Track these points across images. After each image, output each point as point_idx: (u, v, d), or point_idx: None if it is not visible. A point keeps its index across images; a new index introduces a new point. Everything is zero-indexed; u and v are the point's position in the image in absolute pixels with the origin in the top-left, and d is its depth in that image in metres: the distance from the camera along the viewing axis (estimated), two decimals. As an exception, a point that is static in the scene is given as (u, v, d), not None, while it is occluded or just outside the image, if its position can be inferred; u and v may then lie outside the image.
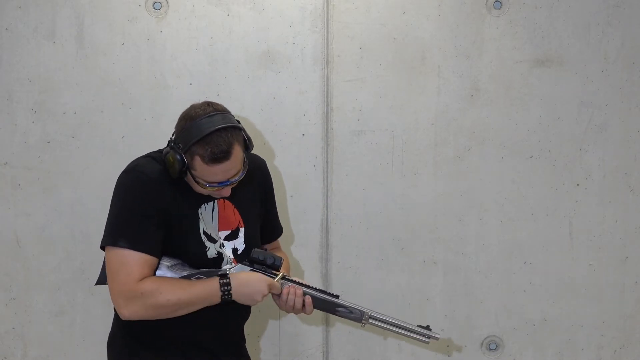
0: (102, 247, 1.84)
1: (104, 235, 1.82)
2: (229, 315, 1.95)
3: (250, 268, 1.90)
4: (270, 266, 1.90)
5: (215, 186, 1.80)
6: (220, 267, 1.90)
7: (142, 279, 1.78)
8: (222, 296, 1.82)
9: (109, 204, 2.63)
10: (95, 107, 2.64)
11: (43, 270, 2.70)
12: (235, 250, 1.95)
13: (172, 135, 1.84)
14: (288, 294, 1.90)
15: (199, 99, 2.61)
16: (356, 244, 2.74)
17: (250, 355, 2.10)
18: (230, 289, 1.81)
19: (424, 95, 2.70)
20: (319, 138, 2.69)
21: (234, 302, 1.86)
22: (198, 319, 1.88)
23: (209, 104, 1.82)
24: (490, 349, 2.80)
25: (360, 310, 1.94)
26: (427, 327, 1.99)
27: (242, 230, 1.96)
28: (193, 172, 1.78)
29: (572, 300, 2.79)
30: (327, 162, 2.70)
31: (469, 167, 2.73)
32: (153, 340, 1.91)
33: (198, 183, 1.80)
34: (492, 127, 2.71)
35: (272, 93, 2.66)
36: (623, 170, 2.74)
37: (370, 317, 1.95)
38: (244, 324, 2.07)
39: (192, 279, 1.85)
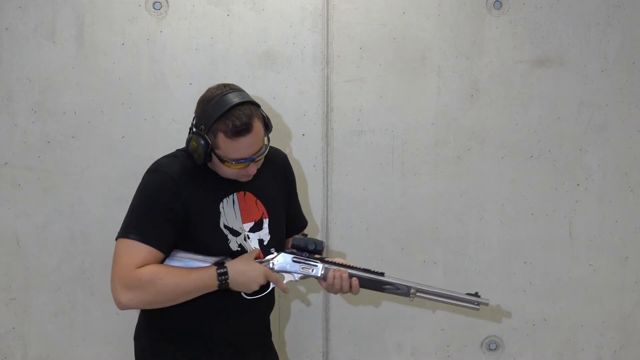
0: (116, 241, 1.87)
1: (121, 227, 1.86)
2: (254, 307, 1.96)
3: (293, 257, 1.94)
4: (312, 252, 1.96)
5: (242, 162, 1.81)
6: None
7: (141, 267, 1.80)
8: (218, 285, 1.83)
9: (109, 203, 2.65)
10: (95, 107, 2.64)
11: (43, 270, 2.70)
12: (261, 241, 1.97)
13: (193, 121, 1.86)
14: (334, 277, 1.94)
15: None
16: (356, 244, 2.74)
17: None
18: (227, 278, 1.83)
19: (424, 95, 2.70)
20: (319, 138, 2.69)
21: (257, 292, 1.90)
22: (222, 312, 1.90)
23: (224, 85, 1.85)
24: (490, 349, 2.80)
25: (407, 286, 1.97)
26: (476, 294, 2.02)
27: (266, 221, 1.98)
28: (218, 151, 1.80)
29: (572, 300, 2.79)
30: (327, 162, 2.71)
31: (469, 167, 2.73)
32: (177, 335, 1.92)
33: (224, 162, 1.82)
34: (492, 127, 2.71)
35: (272, 93, 2.66)
36: (623, 170, 2.74)
37: (418, 290, 1.98)
38: (269, 315, 2.08)
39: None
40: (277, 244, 2.00)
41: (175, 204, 1.82)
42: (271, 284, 1.95)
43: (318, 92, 2.67)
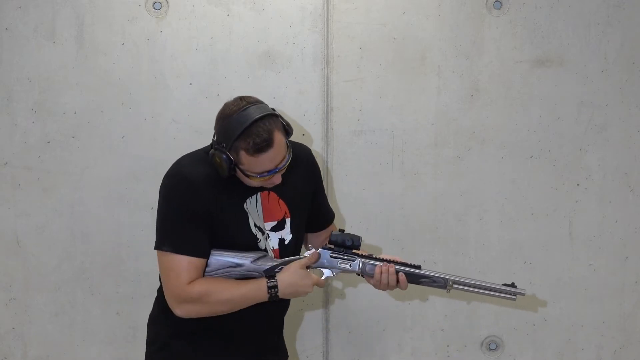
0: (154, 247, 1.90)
1: (156, 237, 1.88)
2: (268, 309, 1.98)
3: (331, 252, 1.97)
4: (350, 247, 1.97)
5: (266, 175, 1.83)
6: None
7: (191, 281, 1.83)
8: (269, 297, 1.87)
9: (109, 203, 2.65)
10: (95, 107, 2.64)
11: (43, 270, 2.70)
12: (282, 240, 1.98)
13: (214, 137, 1.86)
14: (381, 273, 1.96)
15: (199, 99, 2.63)
16: (356, 244, 2.74)
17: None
18: (277, 292, 1.87)
19: (424, 95, 2.70)
20: (319, 138, 2.69)
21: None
22: (241, 310, 1.91)
23: (241, 98, 1.85)
24: (490, 349, 2.80)
25: (443, 278, 2.01)
26: (512, 285, 2.02)
27: (288, 221, 1.99)
28: (241, 167, 1.81)
29: (572, 300, 2.79)
30: (327, 162, 2.70)
31: (469, 167, 2.73)
32: (190, 331, 1.94)
33: (248, 177, 1.83)
34: (492, 127, 2.71)
35: (272, 93, 2.66)
36: (623, 170, 2.74)
37: (455, 282, 2.00)
38: (283, 316, 2.12)
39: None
40: (297, 242, 2.03)
41: (198, 207, 1.83)
42: None
43: (318, 92, 2.67)
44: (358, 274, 2.02)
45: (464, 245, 2.76)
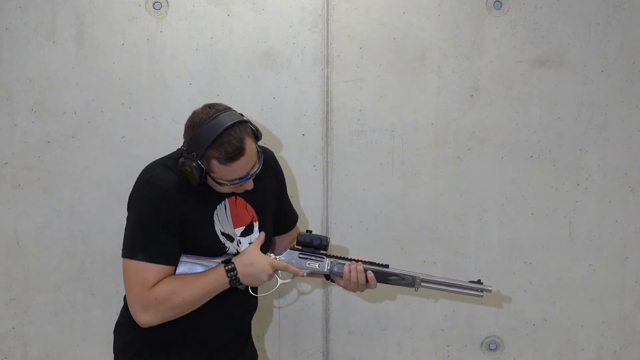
0: (122, 256, 1.86)
1: (123, 247, 1.84)
2: (233, 311, 1.97)
3: (299, 253, 1.97)
4: (318, 247, 1.97)
5: (237, 182, 1.82)
6: None
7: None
8: (230, 282, 1.85)
9: (109, 203, 2.65)
10: (95, 107, 2.64)
11: (43, 270, 2.70)
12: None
13: (183, 146, 1.86)
14: (350, 271, 1.96)
15: (199, 99, 2.63)
16: (356, 244, 2.74)
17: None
18: (236, 274, 1.85)
19: (424, 95, 2.70)
20: (319, 138, 2.69)
21: (241, 292, 1.92)
22: (201, 316, 1.90)
23: (210, 106, 1.83)
24: (490, 349, 2.80)
25: (411, 276, 2.01)
26: (479, 281, 2.04)
27: (256, 224, 1.99)
28: (213, 175, 1.81)
29: (572, 300, 2.79)
30: (327, 162, 2.70)
31: (469, 167, 2.73)
32: (156, 338, 1.92)
33: (220, 184, 1.82)
34: (492, 127, 2.71)
35: (272, 93, 2.66)
36: (623, 170, 2.74)
37: (422, 280, 2.01)
38: (249, 319, 2.09)
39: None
40: (267, 245, 2.01)
41: (172, 215, 1.82)
42: (257, 290, 1.98)
43: (318, 92, 2.67)
44: (327, 278, 2.03)
45: (464, 245, 2.76)
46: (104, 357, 2.73)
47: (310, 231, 2.00)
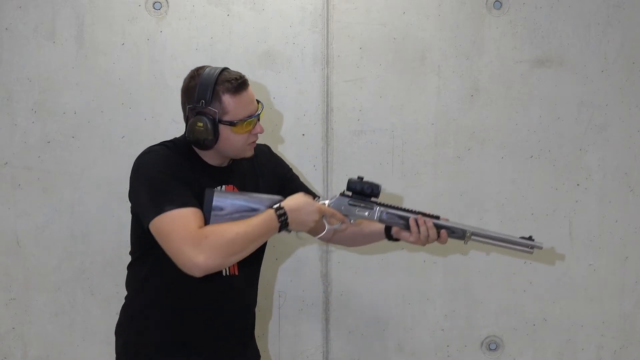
0: (148, 225, 1.76)
1: (147, 213, 1.75)
2: (233, 309, 1.96)
3: (349, 200, 1.95)
4: (369, 195, 1.96)
5: (254, 117, 1.84)
6: None
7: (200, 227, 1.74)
8: (280, 225, 1.81)
9: (109, 203, 2.65)
10: (95, 107, 2.64)
11: (43, 270, 2.70)
12: None
13: (186, 111, 1.85)
14: (418, 226, 1.95)
15: (199, 99, 2.62)
16: (356, 244, 2.74)
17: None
18: (286, 218, 1.81)
19: (424, 95, 2.70)
20: (319, 138, 2.69)
21: (240, 290, 1.91)
22: (201, 315, 1.89)
23: (196, 68, 1.87)
24: (490, 349, 2.80)
25: (462, 229, 1.98)
26: (530, 238, 2.01)
27: None
28: (226, 117, 1.81)
29: (572, 300, 2.79)
30: (327, 162, 2.70)
31: (469, 167, 2.73)
32: (155, 338, 1.91)
33: (235, 125, 1.81)
34: (492, 127, 2.71)
35: (272, 93, 2.66)
36: (623, 170, 2.74)
37: (473, 234, 1.98)
38: (250, 317, 2.07)
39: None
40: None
41: (182, 173, 1.80)
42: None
43: (318, 92, 2.67)
44: (389, 238, 2.00)
45: (464, 245, 2.75)
46: (104, 357, 2.73)
47: (362, 178, 1.97)
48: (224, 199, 1.81)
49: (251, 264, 1.97)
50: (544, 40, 2.68)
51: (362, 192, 1.95)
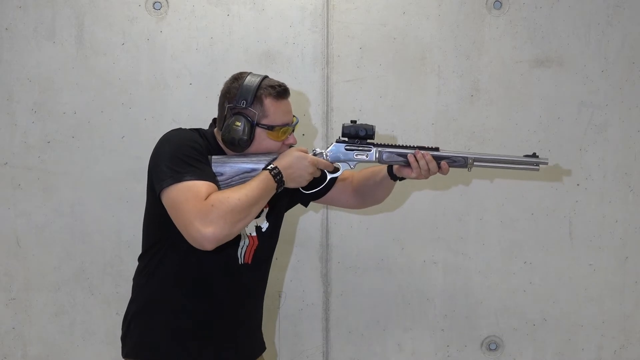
0: (160, 194, 1.75)
1: (165, 178, 1.74)
2: (239, 299, 1.97)
3: (345, 145, 1.97)
4: (364, 137, 1.97)
5: (290, 126, 1.88)
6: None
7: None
8: (277, 183, 1.82)
9: (109, 203, 2.65)
10: (95, 107, 2.64)
11: (43, 270, 2.70)
12: (259, 228, 1.98)
13: (224, 111, 1.86)
14: (417, 160, 1.95)
15: (199, 99, 2.63)
16: (356, 244, 2.74)
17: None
18: (282, 176, 1.83)
19: (424, 95, 2.70)
20: (319, 138, 2.69)
21: (246, 279, 1.93)
22: (206, 304, 1.90)
23: (239, 72, 1.92)
24: (490, 349, 2.80)
25: (463, 157, 1.97)
26: (534, 155, 1.99)
27: (265, 210, 1.99)
28: (265, 121, 1.84)
29: (572, 300, 2.79)
30: (327, 162, 2.70)
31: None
32: (160, 327, 1.92)
33: (272, 129, 1.85)
34: (492, 127, 2.71)
35: (272, 93, 2.66)
36: (623, 170, 2.74)
37: (475, 160, 1.97)
38: (257, 306, 2.06)
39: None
40: (276, 229, 2.04)
41: (205, 156, 1.82)
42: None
43: (318, 92, 2.67)
44: (392, 178, 2.00)
45: (464, 245, 2.76)
46: (104, 357, 2.73)
47: (355, 121, 1.98)
48: (222, 164, 1.85)
49: (264, 255, 2.00)
50: (544, 40, 2.68)
51: (357, 135, 1.96)
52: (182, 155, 1.76)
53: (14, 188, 2.66)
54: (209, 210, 1.68)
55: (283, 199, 2.04)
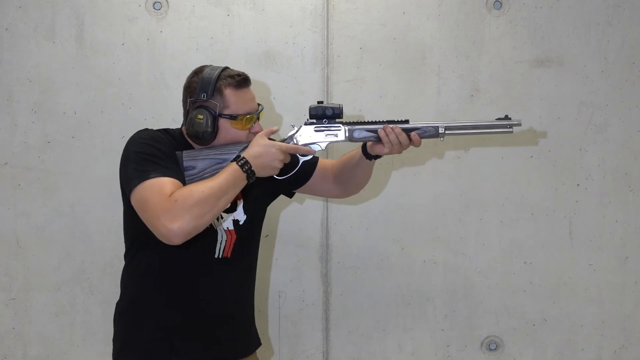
0: (129, 195, 1.78)
1: (131, 179, 1.77)
2: (230, 293, 1.97)
3: (314, 126, 1.95)
4: (331, 117, 1.95)
5: (255, 114, 1.89)
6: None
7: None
8: (247, 175, 1.81)
9: (109, 203, 2.65)
10: (95, 107, 2.64)
11: (43, 270, 2.70)
12: (236, 221, 1.98)
13: (187, 105, 1.89)
14: (387, 135, 1.92)
15: (199, 99, 2.62)
16: (356, 244, 2.74)
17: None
18: (250, 166, 1.81)
19: (424, 95, 2.70)
20: (319, 138, 2.69)
21: (236, 274, 1.94)
22: (197, 299, 1.91)
23: (199, 67, 1.93)
24: (490, 349, 2.80)
25: (434, 127, 1.94)
26: (506, 117, 1.98)
27: (240, 202, 1.99)
28: (227, 111, 1.86)
29: (572, 300, 2.79)
30: (327, 162, 2.70)
31: (469, 167, 2.73)
32: (156, 323, 1.92)
33: (235, 119, 1.86)
34: (492, 127, 2.71)
35: (272, 93, 2.66)
36: (623, 170, 2.74)
37: (447, 128, 1.95)
38: (247, 298, 2.06)
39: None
40: (256, 222, 2.03)
41: (171, 153, 1.83)
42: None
43: (318, 92, 2.67)
44: (367, 157, 1.98)
45: (464, 245, 2.76)
46: (104, 357, 2.73)
47: (322, 102, 1.97)
48: (193, 158, 1.85)
49: (244, 246, 1.99)
50: (544, 40, 2.68)
51: (324, 115, 1.95)
52: (146, 155, 1.79)
53: (14, 188, 2.66)
54: (172, 206, 1.70)
55: (256, 189, 1.99)
